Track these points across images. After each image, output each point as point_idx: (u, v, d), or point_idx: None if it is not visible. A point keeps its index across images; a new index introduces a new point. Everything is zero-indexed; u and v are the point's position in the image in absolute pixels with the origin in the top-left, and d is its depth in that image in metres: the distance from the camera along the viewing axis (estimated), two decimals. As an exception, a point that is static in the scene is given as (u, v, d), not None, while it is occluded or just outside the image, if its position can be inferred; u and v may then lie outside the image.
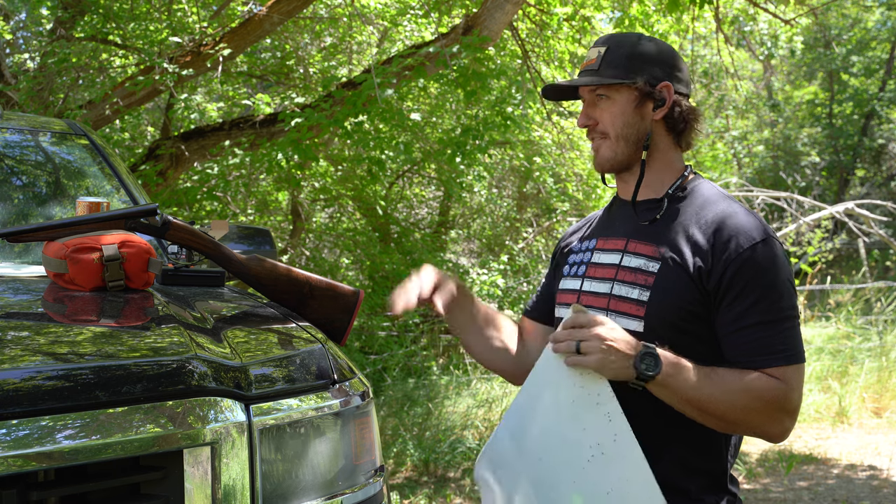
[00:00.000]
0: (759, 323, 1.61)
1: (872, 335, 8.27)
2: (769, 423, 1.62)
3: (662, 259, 1.68)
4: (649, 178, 1.77)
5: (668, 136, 1.77)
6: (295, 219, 8.47)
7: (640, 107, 1.74)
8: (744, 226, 1.64)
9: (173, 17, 6.85)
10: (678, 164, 1.79)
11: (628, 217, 1.78)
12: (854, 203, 9.75)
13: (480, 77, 6.25)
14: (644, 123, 1.74)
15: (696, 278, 1.64)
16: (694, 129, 1.79)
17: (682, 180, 1.76)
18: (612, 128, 1.75)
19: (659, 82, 1.74)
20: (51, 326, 1.79)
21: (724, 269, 1.62)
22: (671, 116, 1.75)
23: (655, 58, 1.75)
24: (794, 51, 15.87)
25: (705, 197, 1.73)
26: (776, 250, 1.64)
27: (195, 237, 2.08)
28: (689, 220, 1.70)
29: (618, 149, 1.76)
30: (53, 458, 1.35)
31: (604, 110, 1.76)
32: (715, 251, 1.64)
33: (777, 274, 1.62)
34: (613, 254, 1.77)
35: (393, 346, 7.49)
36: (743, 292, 1.61)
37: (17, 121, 3.13)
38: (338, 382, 1.75)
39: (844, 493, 5.03)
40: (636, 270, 1.70)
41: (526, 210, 10.17)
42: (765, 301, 1.61)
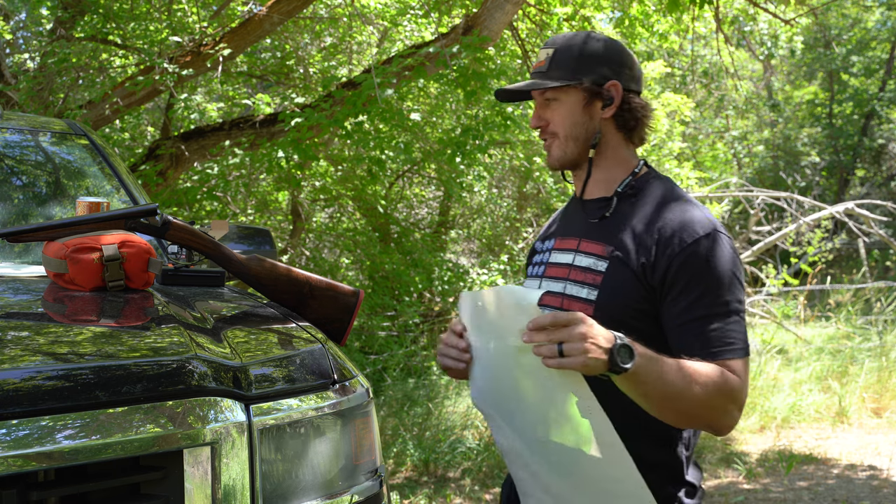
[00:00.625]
0: (707, 316, 1.61)
1: (872, 335, 8.27)
2: (724, 417, 1.61)
3: (610, 258, 1.70)
4: (601, 175, 1.80)
5: (618, 133, 1.80)
6: (295, 219, 8.47)
7: (589, 106, 1.77)
8: (688, 221, 1.66)
9: (173, 17, 6.86)
10: (631, 161, 1.81)
11: (581, 216, 1.82)
12: (854, 203, 9.74)
13: (480, 77, 6.25)
14: (593, 123, 1.78)
15: (640, 275, 1.66)
16: (645, 125, 1.81)
17: (632, 178, 1.78)
18: (562, 128, 1.79)
19: (606, 81, 1.76)
20: (51, 326, 1.79)
21: (668, 265, 1.64)
22: (621, 114, 1.78)
23: (602, 57, 1.77)
24: (794, 51, 15.88)
25: (655, 194, 1.75)
26: (722, 245, 1.65)
27: (195, 237, 2.08)
28: (637, 217, 1.72)
29: (567, 148, 1.79)
30: (53, 458, 1.35)
31: (554, 111, 1.80)
32: (658, 247, 1.65)
33: (722, 268, 1.63)
34: (568, 253, 1.80)
35: (393, 346, 7.49)
36: (688, 286, 1.63)
37: (17, 121, 3.13)
38: (338, 382, 1.75)
39: (844, 493, 5.03)
40: (586, 270, 1.73)
41: (526, 210, 10.16)
42: (711, 295, 1.62)
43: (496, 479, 5.21)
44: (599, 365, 1.48)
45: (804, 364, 7.61)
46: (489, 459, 5.43)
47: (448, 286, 7.96)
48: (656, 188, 1.76)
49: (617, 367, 1.49)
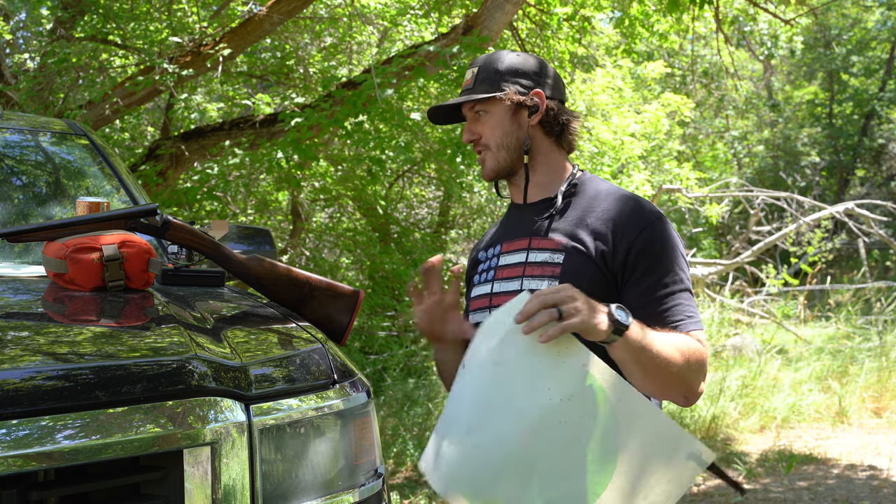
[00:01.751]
0: (668, 294, 1.73)
1: (872, 335, 8.27)
2: (696, 384, 1.69)
3: (565, 250, 1.78)
4: (538, 179, 1.88)
5: (547, 138, 1.88)
6: (295, 219, 8.47)
7: (516, 115, 1.85)
8: (639, 208, 1.78)
9: (173, 17, 6.86)
10: (564, 164, 1.90)
11: (526, 218, 1.88)
12: (854, 203, 9.75)
13: (481, 77, 6.24)
14: (521, 131, 1.86)
15: (599, 262, 1.75)
16: (571, 130, 1.90)
17: (571, 178, 1.87)
18: (493, 138, 1.86)
19: (529, 90, 1.85)
20: (51, 326, 1.79)
21: (628, 249, 1.73)
22: (547, 121, 1.86)
23: (522, 69, 1.87)
24: (794, 51, 15.88)
25: (597, 189, 1.85)
26: (669, 226, 1.78)
27: (195, 237, 2.08)
28: (586, 210, 1.81)
29: (500, 157, 1.87)
30: (53, 458, 1.35)
31: (484, 124, 1.87)
32: (616, 234, 1.75)
33: (674, 247, 1.76)
34: (518, 253, 1.86)
35: (393, 346, 7.49)
36: (649, 268, 1.73)
37: (17, 121, 3.13)
38: (338, 382, 1.75)
39: (844, 493, 5.03)
40: (542, 264, 1.80)
41: (526, 210, 10.16)
42: (670, 273, 1.74)
43: (496, 479, 5.21)
44: (601, 323, 1.51)
45: (804, 364, 7.61)
46: (489, 459, 5.42)
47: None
48: (596, 185, 1.87)
49: (620, 326, 1.53)
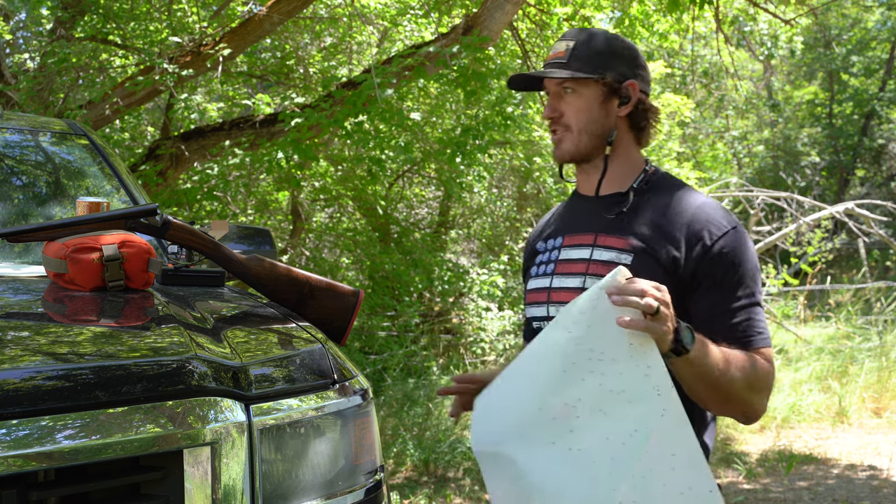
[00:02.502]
0: (742, 307, 1.66)
1: (872, 335, 8.27)
2: (758, 402, 1.66)
3: (634, 251, 1.70)
4: (612, 172, 1.80)
5: (629, 132, 1.81)
6: (295, 219, 8.47)
7: (606, 102, 1.77)
8: (714, 215, 1.70)
9: (173, 17, 6.85)
10: (639, 159, 1.83)
11: (593, 212, 1.80)
12: (854, 203, 9.74)
13: (480, 77, 6.25)
14: (608, 119, 1.78)
15: (669, 268, 1.67)
16: (653, 127, 1.83)
17: (644, 174, 1.80)
18: (576, 121, 1.78)
19: (625, 79, 1.77)
20: (51, 326, 1.79)
21: (700, 258, 1.66)
22: (634, 114, 1.79)
23: (623, 55, 1.78)
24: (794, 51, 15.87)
25: (671, 190, 1.77)
26: (745, 238, 1.70)
27: (195, 237, 2.08)
28: (658, 211, 1.73)
29: (580, 142, 1.78)
30: (53, 458, 1.35)
31: (569, 103, 1.78)
32: (689, 241, 1.67)
33: (749, 260, 1.68)
34: (582, 249, 1.78)
35: (393, 346, 7.49)
36: (722, 279, 1.66)
37: (17, 121, 3.13)
38: (338, 382, 1.75)
39: (844, 493, 5.03)
40: (608, 263, 1.71)
41: (526, 210, 10.16)
42: (741, 287, 1.67)
43: (496, 479, 5.21)
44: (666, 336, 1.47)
45: (804, 364, 7.61)
46: (489, 459, 5.42)
47: (448, 286, 7.96)
48: (670, 185, 1.79)
49: (681, 348, 1.50)
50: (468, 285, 8.01)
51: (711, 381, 1.58)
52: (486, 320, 7.87)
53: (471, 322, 7.95)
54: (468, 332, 7.94)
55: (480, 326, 7.87)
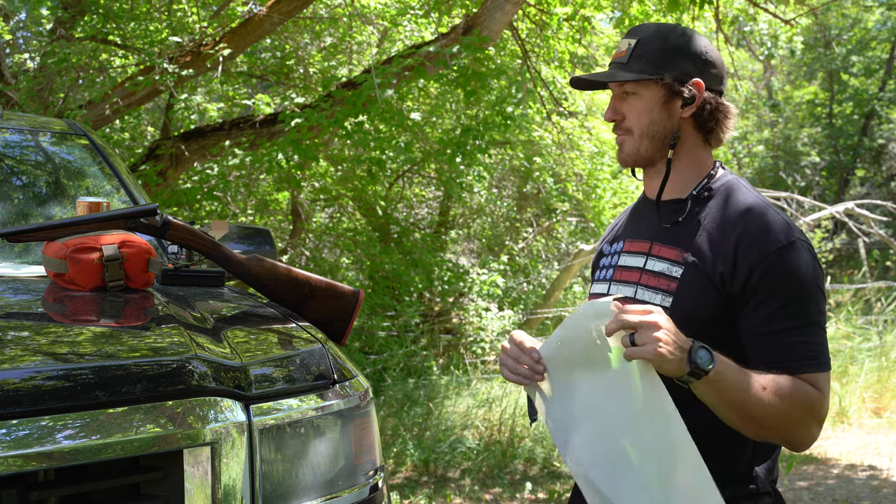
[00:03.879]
0: (788, 328, 1.56)
1: (872, 335, 8.27)
2: (803, 430, 1.57)
3: (685, 264, 1.63)
4: (675, 177, 1.71)
5: (696, 133, 1.70)
6: (295, 219, 8.47)
7: (668, 104, 1.67)
8: (769, 229, 1.59)
9: (173, 17, 6.85)
10: (706, 162, 1.72)
11: (653, 218, 1.73)
12: (854, 203, 9.75)
13: (480, 77, 6.25)
14: (671, 121, 1.68)
15: (718, 283, 1.59)
16: (725, 126, 1.71)
17: (707, 180, 1.69)
18: (638, 125, 1.69)
19: (689, 79, 1.66)
20: (51, 326, 1.79)
21: (748, 274, 1.57)
22: (700, 114, 1.68)
23: (687, 52, 1.67)
24: (794, 51, 15.86)
25: (732, 198, 1.66)
26: (803, 254, 1.58)
27: (195, 237, 2.08)
28: (714, 222, 1.64)
29: (641, 146, 1.70)
30: (53, 458, 1.35)
31: (631, 106, 1.69)
32: (738, 255, 1.58)
33: (804, 278, 1.57)
34: (639, 256, 1.72)
35: (393, 346, 7.49)
36: (769, 297, 1.56)
37: (17, 121, 3.13)
38: (338, 382, 1.75)
39: (844, 493, 5.03)
40: (659, 275, 1.66)
41: (526, 210, 10.16)
42: (792, 305, 1.56)
43: (496, 479, 5.21)
44: (675, 362, 1.44)
45: (804, 364, 7.60)
46: (489, 459, 5.43)
47: (448, 286, 7.97)
48: (733, 191, 1.67)
49: (698, 370, 1.45)
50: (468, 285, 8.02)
51: (740, 406, 1.51)
52: (486, 320, 7.88)
53: (471, 322, 7.96)
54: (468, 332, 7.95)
55: (480, 326, 7.87)
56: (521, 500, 4.88)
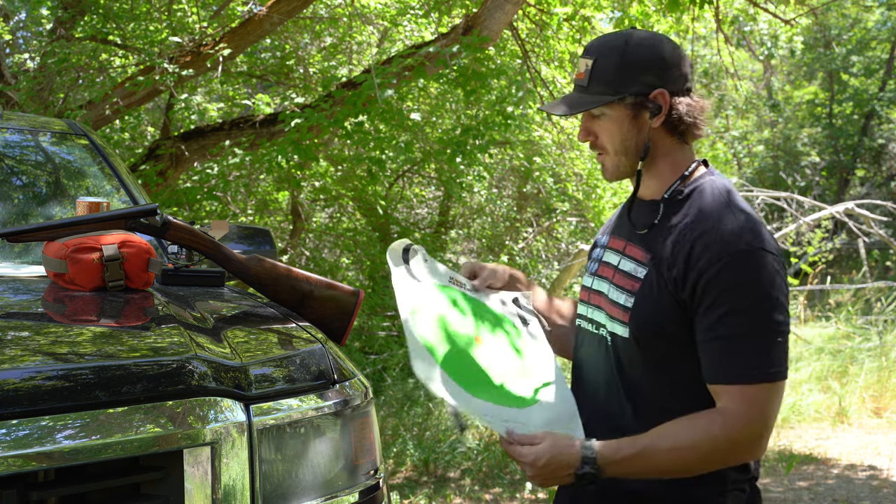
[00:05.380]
0: (731, 336, 1.55)
1: (872, 335, 8.27)
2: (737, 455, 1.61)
3: (649, 265, 1.66)
4: (653, 180, 1.73)
5: (670, 137, 1.71)
6: (295, 219, 8.47)
7: (637, 118, 1.67)
8: (724, 234, 1.58)
9: (173, 17, 6.85)
10: (683, 162, 1.72)
11: (632, 217, 1.77)
12: (854, 203, 9.74)
13: (480, 77, 6.25)
14: (642, 134, 1.68)
15: (672, 287, 1.61)
16: (699, 122, 1.71)
17: (680, 182, 1.70)
18: (611, 144, 1.71)
19: (652, 90, 1.66)
20: (51, 326, 1.79)
21: (697, 279, 1.57)
22: (670, 121, 1.68)
23: (645, 64, 1.66)
24: (794, 51, 15.87)
25: (701, 201, 1.66)
26: (759, 262, 1.56)
27: (195, 237, 2.08)
28: (679, 225, 1.65)
29: (620, 163, 1.72)
30: (53, 458, 1.35)
31: (601, 126, 1.71)
32: (691, 259, 1.59)
33: (754, 286, 1.55)
34: (616, 254, 1.76)
35: (393, 346, 7.49)
36: (716, 303, 1.56)
37: (17, 121, 3.13)
38: (338, 382, 1.75)
39: (844, 493, 5.03)
40: (627, 275, 1.69)
41: (526, 210, 10.16)
42: (738, 313, 1.55)
43: (496, 479, 5.21)
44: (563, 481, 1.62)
45: (804, 364, 7.61)
46: (489, 459, 5.43)
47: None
48: (704, 193, 1.67)
49: (586, 481, 1.60)
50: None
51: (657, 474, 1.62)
52: (486, 320, 7.86)
53: (471, 322, 7.93)
54: (468, 332, 7.93)
55: (480, 326, 7.85)
56: (521, 500, 4.88)
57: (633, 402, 1.68)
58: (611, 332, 1.71)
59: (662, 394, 1.66)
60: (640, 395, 1.67)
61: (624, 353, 1.68)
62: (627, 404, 1.68)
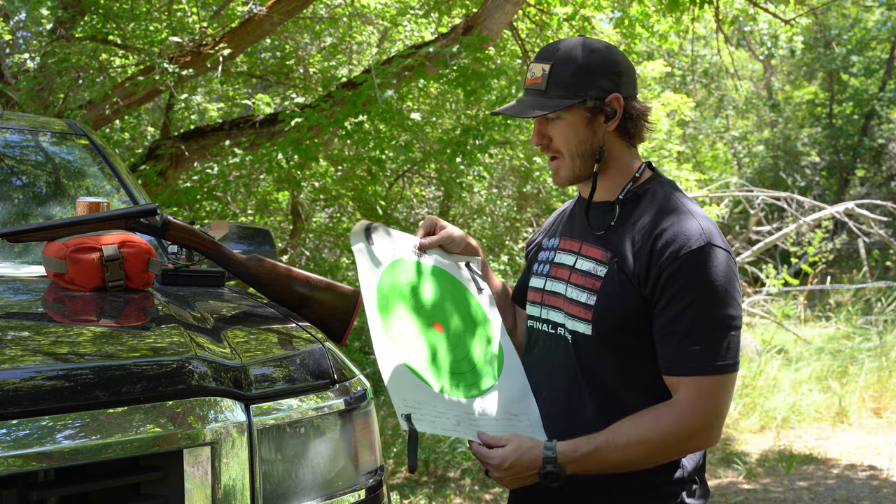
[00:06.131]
0: (688, 330, 1.61)
1: (872, 335, 8.27)
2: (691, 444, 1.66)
3: (609, 264, 1.70)
4: (605, 182, 1.78)
5: (620, 141, 1.76)
6: (295, 219, 8.48)
7: (592, 122, 1.72)
8: (682, 233, 1.64)
9: (173, 17, 6.85)
10: (632, 165, 1.78)
11: (585, 218, 1.80)
12: (854, 203, 9.75)
13: (480, 77, 6.25)
14: (597, 137, 1.73)
15: (635, 284, 1.66)
16: (645, 126, 1.78)
17: (632, 183, 1.76)
18: (566, 147, 1.74)
19: (608, 94, 1.71)
20: (51, 326, 1.79)
21: (658, 275, 1.63)
22: (623, 125, 1.74)
23: (601, 69, 1.71)
24: (794, 51, 15.88)
25: (655, 201, 1.73)
26: (714, 258, 1.62)
27: (195, 237, 2.08)
28: (636, 225, 1.70)
29: (574, 167, 1.76)
30: (53, 458, 1.35)
31: (556, 130, 1.74)
32: (652, 257, 1.65)
33: (711, 282, 1.61)
34: (570, 255, 1.80)
35: (393, 346, 7.47)
36: (673, 298, 1.62)
37: (17, 121, 3.13)
38: (338, 382, 1.75)
39: (844, 493, 5.03)
40: (586, 274, 1.74)
41: (526, 210, 10.16)
42: (695, 308, 1.61)
43: (496, 479, 5.21)
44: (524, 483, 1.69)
45: (804, 364, 7.61)
46: (489, 459, 5.42)
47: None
48: (657, 195, 1.74)
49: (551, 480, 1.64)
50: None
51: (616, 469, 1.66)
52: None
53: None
54: (468, 332, 7.93)
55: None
56: (521, 500, 4.88)
57: (596, 398, 1.72)
58: (571, 330, 1.74)
59: (623, 388, 1.71)
60: (601, 391, 1.72)
61: (585, 351, 1.73)
62: (590, 401, 1.73)
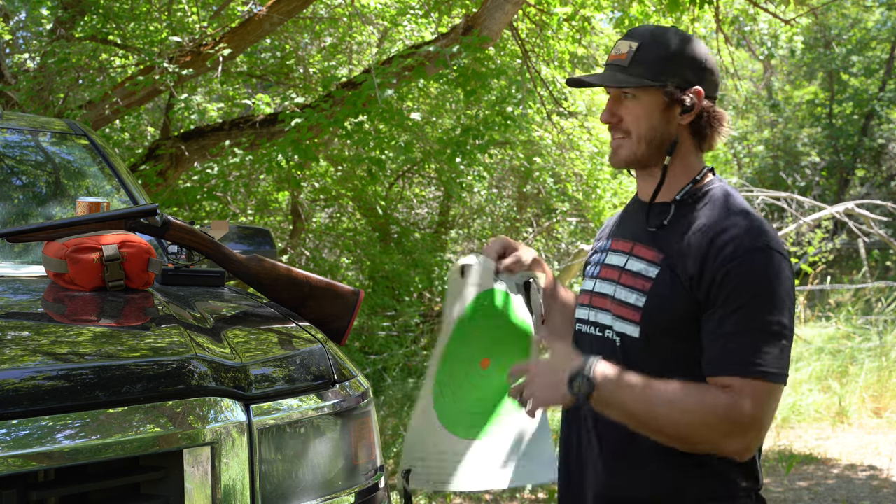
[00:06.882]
0: (736, 332, 1.55)
1: (872, 335, 8.27)
2: (724, 440, 1.55)
3: (661, 265, 1.65)
4: (666, 180, 1.72)
5: (691, 139, 1.72)
6: (295, 219, 8.47)
7: (668, 110, 1.67)
8: (739, 235, 1.60)
9: (173, 17, 6.85)
10: (696, 167, 1.73)
11: (640, 219, 1.75)
12: (854, 203, 9.74)
13: (480, 77, 6.25)
14: (669, 128, 1.69)
15: (688, 287, 1.61)
16: (718, 132, 1.72)
17: (693, 184, 1.71)
18: (636, 128, 1.69)
19: (690, 86, 1.67)
20: (51, 326, 1.79)
21: (712, 278, 1.58)
22: (698, 122, 1.69)
23: (688, 60, 1.68)
24: (794, 51, 15.88)
25: (713, 204, 1.68)
26: (772, 263, 1.58)
27: (195, 237, 2.08)
28: (693, 226, 1.65)
29: (638, 150, 1.70)
30: (53, 458, 1.35)
31: (629, 109, 1.69)
32: (707, 260, 1.60)
33: (767, 286, 1.56)
34: (621, 256, 1.74)
35: (393, 346, 7.49)
36: (728, 299, 1.57)
37: (17, 121, 3.13)
38: (338, 382, 1.75)
39: (844, 493, 5.03)
40: (636, 275, 1.68)
41: (526, 210, 10.17)
42: (746, 312, 1.55)
43: (496, 479, 5.21)
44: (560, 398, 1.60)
45: (804, 364, 7.61)
46: (489, 459, 5.42)
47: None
48: (716, 198, 1.69)
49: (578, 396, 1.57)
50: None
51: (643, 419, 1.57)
52: (486, 320, 7.86)
53: (471, 322, 7.94)
54: (468, 332, 7.93)
55: (480, 326, 7.85)
56: (521, 500, 4.88)
57: None
58: (619, 332, 1.70)
59: None
60: None
61: (633, 353, 1.68)
62: None
